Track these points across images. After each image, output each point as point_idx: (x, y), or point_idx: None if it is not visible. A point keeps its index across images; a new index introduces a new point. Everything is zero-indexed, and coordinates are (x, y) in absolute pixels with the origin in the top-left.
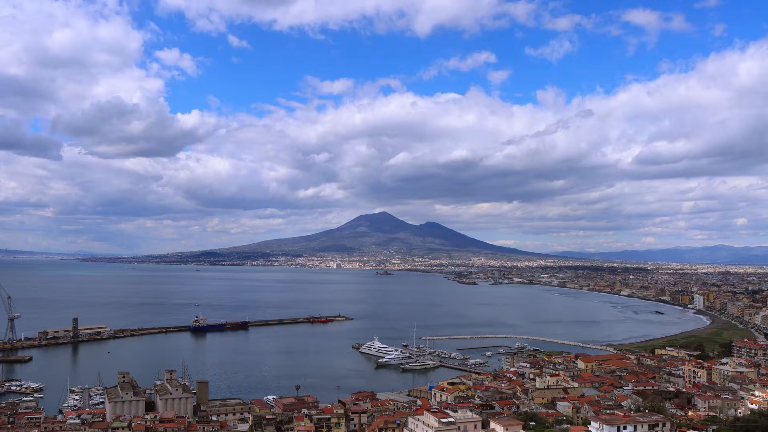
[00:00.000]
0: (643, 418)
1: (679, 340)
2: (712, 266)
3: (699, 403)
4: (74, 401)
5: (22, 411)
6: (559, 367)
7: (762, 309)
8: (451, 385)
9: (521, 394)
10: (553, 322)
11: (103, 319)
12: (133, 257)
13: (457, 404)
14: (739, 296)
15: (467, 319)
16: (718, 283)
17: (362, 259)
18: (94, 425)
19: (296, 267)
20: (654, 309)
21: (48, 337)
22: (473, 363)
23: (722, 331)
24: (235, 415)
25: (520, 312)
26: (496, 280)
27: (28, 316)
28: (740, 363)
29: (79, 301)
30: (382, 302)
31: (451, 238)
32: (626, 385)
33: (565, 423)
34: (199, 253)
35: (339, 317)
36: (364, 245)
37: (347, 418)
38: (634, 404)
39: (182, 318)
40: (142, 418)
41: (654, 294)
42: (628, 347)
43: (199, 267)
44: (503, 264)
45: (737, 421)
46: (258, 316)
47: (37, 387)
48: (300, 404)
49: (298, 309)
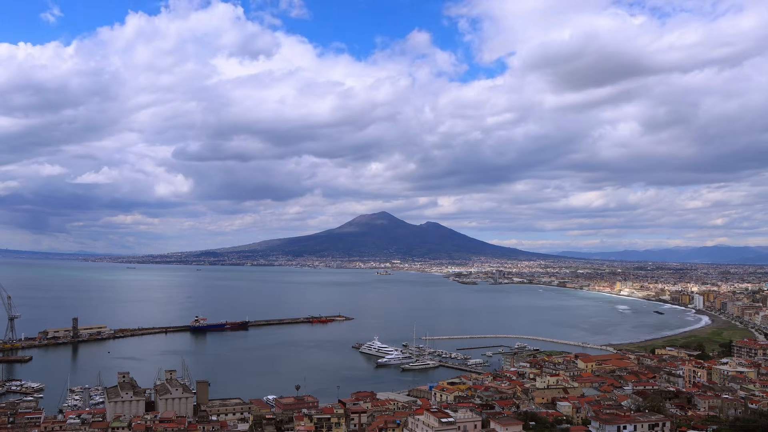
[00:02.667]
0: (643, 418)
1: (679, 340)
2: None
3: (699, 403)
4: (74, 401)
5: (22, 411)
6: (559, 367)
7: (762, 309)
8: (451, 385)
9: (521, 394)
10: (553, 322)
11: (104, 318)
12: (132, 257)
13: (457, 404)
14: (739, 296)
15: (467, 319)
16: (718, 282)
17: (362, 259)
18: (94, 425)
19: (298, 267)
20: (654, 309)
21: (48, 337)
22: (473, 363)
23: (722, 331)
24: (235, 415)
25: (520, 312)
26: (496, 280)
27: (28, 316)
28: (740, 363)
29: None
30: (382, 302)
31: (452, 238)
32: (626, 385)
33: (565, 423)
34: (200, 252)
35: (339, 317)
36: (365, 245)
37: (347, 418)
38: (634, 404)
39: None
40: (142, 418)
41: (654, 294)
42: (628, 347)
43: (199, 267)
44: (503, 264)
45: (737, 421)
46: (260, 317)
47: (37, 387)
48: (300, 404)
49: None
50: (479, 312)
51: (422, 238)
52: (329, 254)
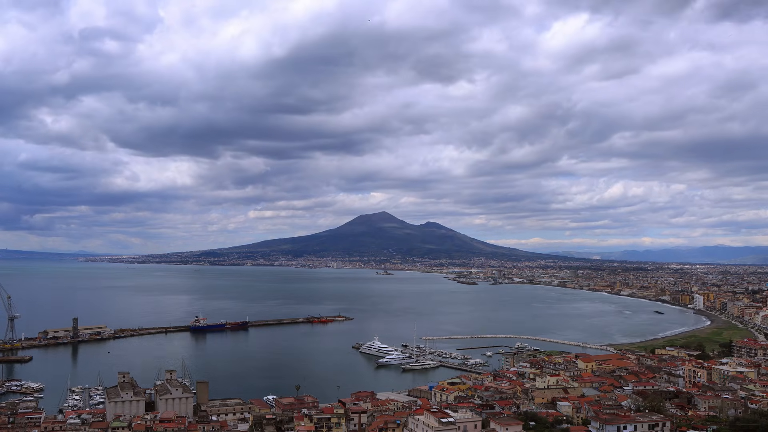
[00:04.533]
0: (643, 418)
1: (679, 340)
2: (712, 266)
3: (699, 403)
4: (74, 401)
5: (22, 411)
6: (559, 367)
7: (762, 309)
8: (451, 385)
9: (521, 394)
10: (554, 322)
11: (104, 318)
12: (133, 257)
13: (457, 404)
14: (739, 296)
15: (467, 318)
16: (718, 282)
17: (362, 259)
18: (94, 425)
19: (298, 267)
20: (654, 309)
21: (48, 337)
22: (473, 363)
23: (722, 331)
24: (235, 415)
25: (520, 312)
26: (496, 279)
27: (28, 316)
28: (740, 363)
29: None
30: (382, 302)
31: (451, 237)
32: (626, 385)
33: (565, 423)
34: (200, 252)
35: (339, 317)
36: (365, 245)
37: (347, 418)
38: (634, 404)
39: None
40: (142, 418)
41: (654, 294)
42: (628, 347)
43: (198, 267)
44: (503, 264)
45: (737, 421)
46: (259, 317)
47: (37, 387)
48: (300, 404)
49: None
50: (479, 311)
51: (422, 238)
52: (329, 254)
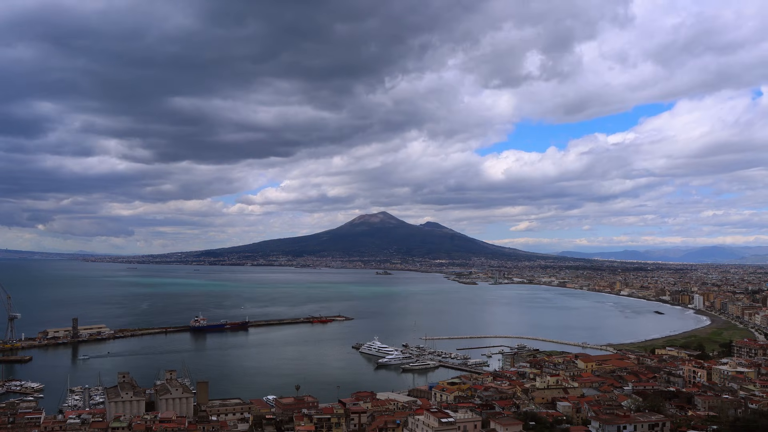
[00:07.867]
0: (643, 418)
1: (679, 340)
2: (712, 266)
3: (699, 403)
4: (74, 401)
5: (22, 411)
6: (559, 367)
7: (762, 309)
8: (451, 385)
9: (521, 394)
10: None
11: (104, 318)
12: (133, 257)
13: (457, 404)
14: (739, 296)
15: (467, 318)
16: (718, 283)
17: (362, 259)
18: (94, 425)
19: (298, 267)
20: (654, 309)
21: (48, 337)
22: (473, 363)
23: (722, 331)
24: (235, 415)
25: (520, 312)
26: (496, 279)
27: (28, 316)
28: (740, 363)
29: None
30: (382, 302)
31: (451, 237)
32: (626, 385)
33: (565, 423)
34: (200, 252)
35: (339, 317)
36: (365, 245)
37: (347, 418)
38: (634, 404)
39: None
40: (142, 418)
41: (654, 294)
42: (628, 347)
43: (197, 267)
44: (503, 264)
45: (737, 421)
46: (259, 317)
47: (37, 387)
48: (300, 404)
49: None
50: (479, 311)
51: (422, 238)
52: (329, 254)
